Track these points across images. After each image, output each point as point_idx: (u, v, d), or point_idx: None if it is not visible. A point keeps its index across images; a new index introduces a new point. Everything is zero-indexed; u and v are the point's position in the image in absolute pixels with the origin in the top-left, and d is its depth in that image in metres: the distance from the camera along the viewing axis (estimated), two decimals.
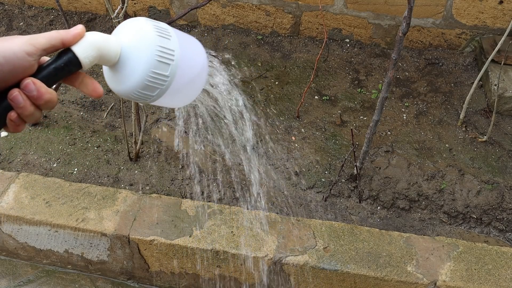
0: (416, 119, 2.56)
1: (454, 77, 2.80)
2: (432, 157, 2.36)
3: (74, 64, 0.72)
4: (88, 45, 0.72)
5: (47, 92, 0.70)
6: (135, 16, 3.15)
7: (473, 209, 2.18)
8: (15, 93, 0.68)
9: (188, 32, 3.14)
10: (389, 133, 2.48)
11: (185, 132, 2.47)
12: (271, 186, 2.25)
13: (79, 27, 0.73)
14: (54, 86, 0.88)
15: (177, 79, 0.75)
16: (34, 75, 0.70)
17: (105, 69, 0.78)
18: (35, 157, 2.32)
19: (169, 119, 2.53)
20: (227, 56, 2.88)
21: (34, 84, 0.69)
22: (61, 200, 2.03)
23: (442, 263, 1.86)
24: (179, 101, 0.84)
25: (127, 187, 2.20)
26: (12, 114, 0.69)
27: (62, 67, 0.72)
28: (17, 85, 0.70)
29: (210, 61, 0.90)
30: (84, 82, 0.76)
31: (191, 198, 2.18)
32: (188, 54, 0.78)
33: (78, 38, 0.73)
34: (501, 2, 2.73)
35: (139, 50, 0.73)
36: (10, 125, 0.70)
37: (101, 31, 3.37)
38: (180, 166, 2.31)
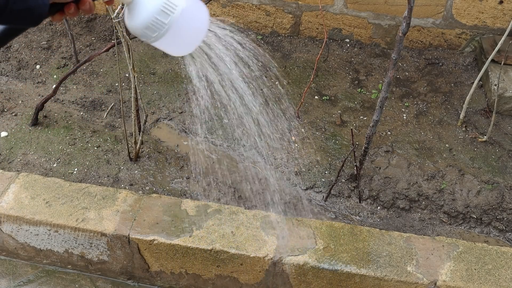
0: (416, 119, 2.56)
1: (454, 77, 2.80)
2: (432, 157, 2.36)
3: None
4: None
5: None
6: None
7: (473, 209, 2.18)
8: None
9: None
10: (389, 133, 2.48)
11: (185, 131, 2.47)
12: (271, 186, 2.25)
13: None
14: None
15: (175, 29, 0.98)
16: None
17: (125, 9, 1.01)
18: (35, 157, 2.32)
19: (169, 119, 2.53)
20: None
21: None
22: (61, 200, 2.03)
23: (442, 263, 1.86)
24: (176, 48, 1.08)
25: (127, 187, 2.20)
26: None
27: None
28: None
29: None
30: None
31: (191, 198, 2.18)
32: (190, 13, 1.00)
33: None
34: (501, 2, 2.74)
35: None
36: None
37: (101, 31, 3.34)
38: (180, 166, 2.31)
